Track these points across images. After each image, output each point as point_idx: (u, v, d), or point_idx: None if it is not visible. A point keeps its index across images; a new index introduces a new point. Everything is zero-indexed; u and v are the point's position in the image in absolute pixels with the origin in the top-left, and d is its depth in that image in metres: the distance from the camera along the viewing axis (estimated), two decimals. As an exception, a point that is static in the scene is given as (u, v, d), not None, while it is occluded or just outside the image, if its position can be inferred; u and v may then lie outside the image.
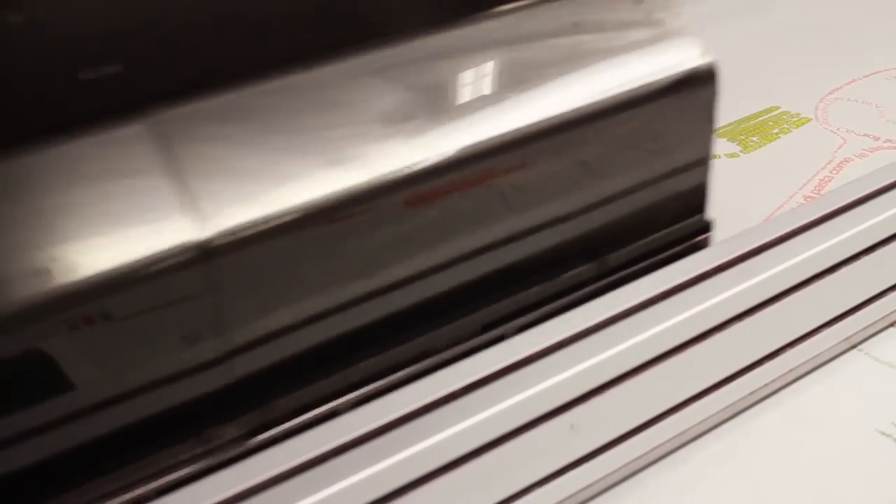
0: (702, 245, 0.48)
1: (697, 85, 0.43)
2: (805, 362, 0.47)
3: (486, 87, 0.39)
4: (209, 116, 0.34)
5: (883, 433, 0.45)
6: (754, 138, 0.68)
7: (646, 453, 0.43)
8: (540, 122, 0.39)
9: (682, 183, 0.46)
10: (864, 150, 0.66)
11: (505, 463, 0.38)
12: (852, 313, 0.49)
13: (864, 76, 0.76)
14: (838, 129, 0.69)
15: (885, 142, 0.67)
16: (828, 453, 0.44)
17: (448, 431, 0.37)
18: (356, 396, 0.39)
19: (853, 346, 0.50)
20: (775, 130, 0.69)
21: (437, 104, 0.38)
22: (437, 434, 0.37)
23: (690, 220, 0.48)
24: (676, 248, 0.47)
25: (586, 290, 0.44)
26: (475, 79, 0.40)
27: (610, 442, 0.41)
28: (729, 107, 0.71)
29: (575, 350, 0.40)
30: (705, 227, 0.48)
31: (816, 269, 0.46)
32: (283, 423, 0.38)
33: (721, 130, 0.69)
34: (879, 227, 0.48)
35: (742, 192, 0.62)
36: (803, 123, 0.70)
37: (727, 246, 0.45)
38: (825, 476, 0.43)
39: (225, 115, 0.35)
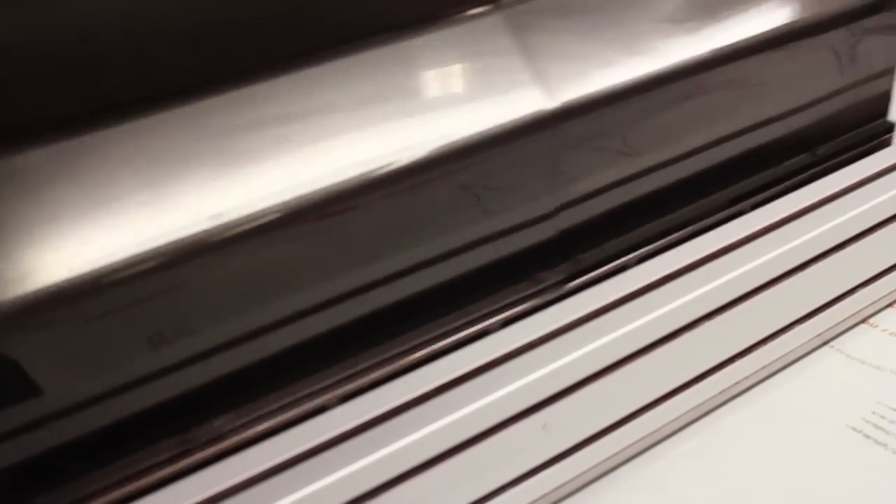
0: (886, 143, 0.54)
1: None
2: (777, 359, 0.48)
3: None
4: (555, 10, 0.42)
5: (854, 429, 0.45)
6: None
7: (618, 452, 0.43)
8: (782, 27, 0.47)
9: (875, 88, 0.54)
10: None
11: (478, 463, 0.38)
12: (824, 310, 0.49)
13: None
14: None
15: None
16: (799, 450, 0.44)
17: (421, 432, 0.37)
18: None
19: (825, 343, 0.50)
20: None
21: (706, 9, 0.46)
22: (410, 435, 0.37)
23: (877, 122, 0.55)
24: (865, 146, 0.54)
25: (801, 176, 0.51)
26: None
27: (582, 441, 0.41)
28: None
29: (546, 350, 0.40)
30: (889, 129, 0.55)
31: (787, 266, 0.46)
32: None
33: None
34: (849, 223, 0.48)
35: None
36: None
37: (695, 246, 0.45)
38: (796, 472, 0.43)
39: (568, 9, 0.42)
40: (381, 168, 0.36)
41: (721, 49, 0.45)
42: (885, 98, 0.55)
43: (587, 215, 0.44)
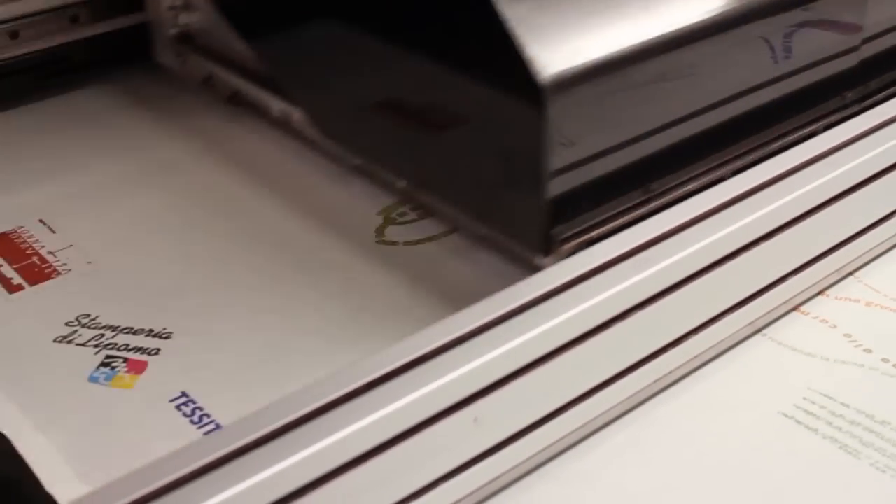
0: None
1: None
2: (709, 348, 0.48)
3: None
4: None
5: (785, 415, 0.46)
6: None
7: (552, 444, 0.43)
8: None
9: None
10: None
11: (410, 458, 0.38)
12: (755, 298, 0.49)
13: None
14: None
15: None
16: (731, 437, 0.45)
17: (350, 428, 0.37)
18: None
19: (757, 331, 0.51)
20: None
21: None
22: (340, 431, 0.37)
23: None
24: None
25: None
26: None
27: (515, 434, 0.41)
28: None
29: (476, 343, 0.40)
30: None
31: (717, 256, 0.47)
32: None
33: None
34: (778, 212, 0.49)
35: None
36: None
37: (624, 238, 0.45)
38: (728, 460, 0.44)
39: None
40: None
41: None
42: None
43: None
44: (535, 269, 0.45)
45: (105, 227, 0.61)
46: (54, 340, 0.52)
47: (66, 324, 0.53)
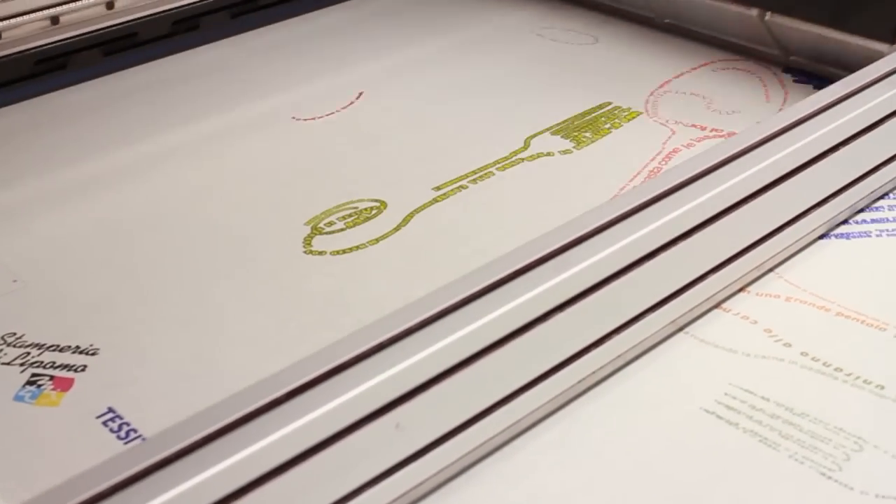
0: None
1: None
2: (632, 347, 0.49)
3: None
4: None
5: (707, 411, 0.46)
6: (587, 134, 0.70)
7: (477, 447, 0.43)
8: None
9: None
10: (691, 139, 0.68)
11: (333, 466, 0.38)
12: (676, 296, 0.50)
13: (692, 68, 0.78)
14: (667, 122, 0.71)
15: (711, 131, 0.69)
16: (654, 435, 0.45)
17: (272, 437, 0.37)
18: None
19: (680, 329, 0.51)
20: (607, 125, 0.71)
21: None
22: (262, 440, 0.37)
23: None
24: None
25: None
26: None
27: (439, 438, 0.41)
28: (562, 104, 0.72)
29: (397, 349, 0.40)
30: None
31: (637, 255, 0.47)
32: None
33: (554, 128, 0.70)
34: (697, 210, 0.49)
35: (574, 186, 0.64)
36: (634, 117, 0.72)
37: (545, 239, 0.46)
38: (652, 457, 0.44)
39: None
40: None
41: None
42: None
43: None
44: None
45: (30, 243, 0.61)
46: (-22, 361, 0.51)
47: (-9, 343, 0.53)
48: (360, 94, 0.77)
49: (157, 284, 0.57)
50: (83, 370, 0.51)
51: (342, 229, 0.60)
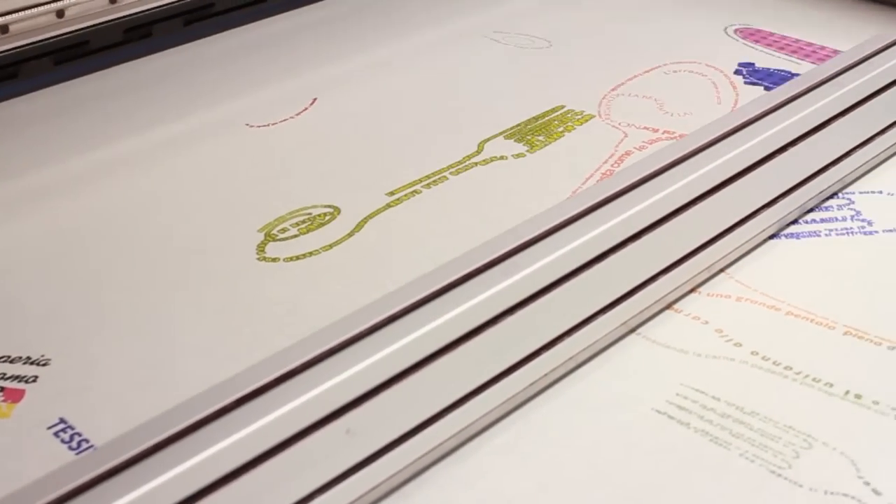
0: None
1: None
2: (584, 349, 0.49)
3: None
4: None
5: (658, 411, 0.47)
6: (540, 137, 0.70)
7: (430, 451, 0.43)
8: None
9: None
10: (643, 142, 0.69)
11: (283, 472, 0.38)
12: (627, 298, 0.50)
13: (644, 71, 0.79)
14: (620, 124, 0.71)
15: (663, 133, 0.70)
16: (608, 436, 0.46)
17: (221, 444, 0.37)
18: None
19: (631, 331, 0.51)
20: (560, 129, 0.71)
21: None
22: (211, 447, 0.37)
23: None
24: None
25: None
26: None
27: (390, 443, 0.41)
28: (515, 108, 0.73)
29: (346, 355, 0.40)
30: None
31: (588, 256, 0.47)
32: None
33: (508, 132, 0.70)
34: (645, 213, 0.50)
35: (527, 190, 0.64)
36: (587, 120, 0.72)
37: (495, 242, 0.46)
38: (604, 459, 0.44)
39: None
40: None
41: None
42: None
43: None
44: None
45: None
46: (-74, 374, 0.51)
47: (-61, 356, 0.52)
48: (314, 100, 0.77)
49: (108, 293, 0.56)
50: (34, 381, 0.50)
51: (296, 236, 0.60)
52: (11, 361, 0.51)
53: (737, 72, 0.78)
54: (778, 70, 0.78)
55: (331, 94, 0.78)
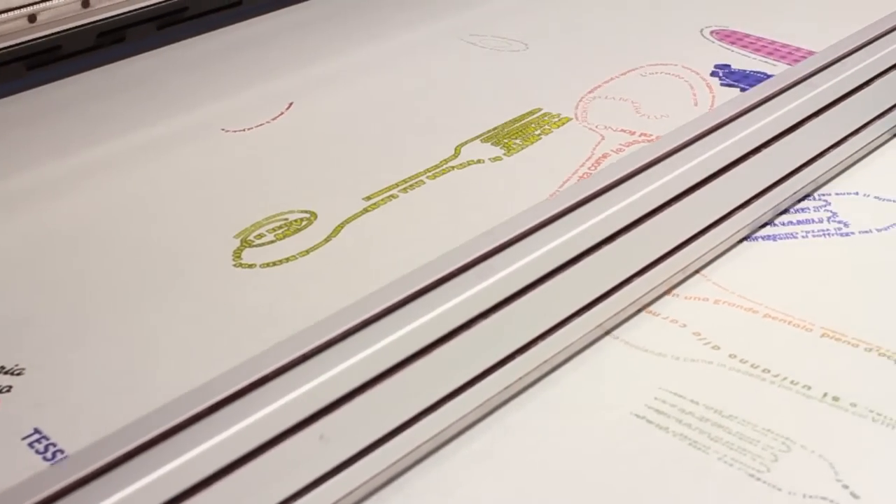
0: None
1: None
2: (559, 353, 0.49)
3: None
4: None
5: (637, 415, 0.47)
6: (517, 141, 0.70)
7: (404, 457, 0.43)
8: None
9: None
10: (620, 144, 0.69)
11: (256, 479, 0.38)
12: (603, 300, 0.50)
13: (621, 74, 0.79)
14: (597, 127, 0.71)
15: (640, 135, 0.70)
16: (585, 441, 0.45)
17: (194, 451, 0.36)
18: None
19: (607, 333, 0.51)
20: (537, 132, 0.71)
21: None
22: (184, 454, 0.36)
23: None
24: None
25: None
26: None
27: (364, 449, 0.41)
28: (492, 111, 0.72)
29: (319, 360, 0.40)
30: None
31: (561, 259, 0.47)
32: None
33: (484, 136, 0.70)
34: (619, 214, 0.49)
35: (504, 194, 0.64)
36: (564, 123, 0.72)
37: (469, 246, 0.46)
38: (583, 463, 0.44)
39: None
40: None
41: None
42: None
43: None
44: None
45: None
46: None
47: None
48: (290, 104, 0.76)
49: (83, 300, 0.56)
50: (8, 391, 0.50)
51: (272, 241, 0.60)
52: (-16, 370, 0.51)
53: (713, 73, 0.78)
54: (754, 72, 0.78)
55: (307, 99, 0.77)
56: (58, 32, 0.78)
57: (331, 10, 0.93)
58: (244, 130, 0.73)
